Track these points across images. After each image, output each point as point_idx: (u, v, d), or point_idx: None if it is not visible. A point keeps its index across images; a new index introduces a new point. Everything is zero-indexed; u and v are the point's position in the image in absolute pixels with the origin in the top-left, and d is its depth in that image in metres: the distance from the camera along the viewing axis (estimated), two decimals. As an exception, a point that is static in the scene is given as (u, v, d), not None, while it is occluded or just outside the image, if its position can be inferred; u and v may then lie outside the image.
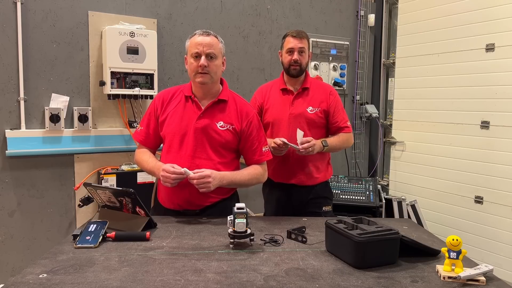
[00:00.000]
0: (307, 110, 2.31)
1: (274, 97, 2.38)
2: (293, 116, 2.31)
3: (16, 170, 2.60)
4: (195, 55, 1.81)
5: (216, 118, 1.88)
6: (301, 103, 2.33)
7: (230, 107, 1.92)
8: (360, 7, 3.76)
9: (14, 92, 2.56)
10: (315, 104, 2.33)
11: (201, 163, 1.83)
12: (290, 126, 2.30)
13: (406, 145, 3.63)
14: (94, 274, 1.26)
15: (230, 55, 3.24)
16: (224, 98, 1.91)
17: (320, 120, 2.33)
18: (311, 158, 2.30)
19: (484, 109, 3.00)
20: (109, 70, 2.66)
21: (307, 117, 2.31)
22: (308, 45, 2.34)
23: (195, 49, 1.81)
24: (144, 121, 1.98)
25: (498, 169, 2.92)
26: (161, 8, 2.97)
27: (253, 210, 3.30)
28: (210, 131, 1.86)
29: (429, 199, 3.40)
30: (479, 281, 1.25)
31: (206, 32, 1.84)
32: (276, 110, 2.35)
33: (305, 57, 2.30)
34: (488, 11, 2.97)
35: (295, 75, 2.32)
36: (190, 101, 1.90)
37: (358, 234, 1.36)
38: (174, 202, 1.90)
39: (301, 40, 2.29)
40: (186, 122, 1.87)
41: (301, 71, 2.32)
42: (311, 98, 2.34)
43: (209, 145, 1.86)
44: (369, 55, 3.86)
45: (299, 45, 2.27)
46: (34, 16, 2.58)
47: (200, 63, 1.80)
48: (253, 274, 1.29)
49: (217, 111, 1.89)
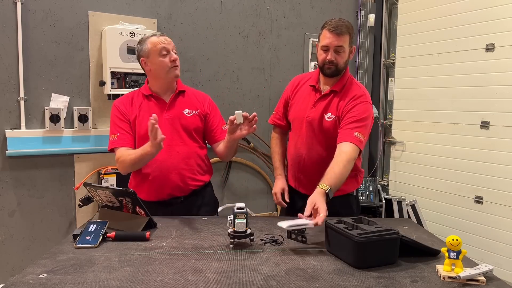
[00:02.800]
0: (325, 116, 1.98)
1: (301, 93, 2.10)
2: (309, 120, 2.01)
3: (16, 170, 2.60)
4: (164, 52, 1.94)
5: (181, 107, 2.03)
6: (322, 107, 2.00)
7: (189, 95, 2.09)
8: (360, 7, 3.76)
9: (14, 92, 2.56)
10: (333, 110, 1.98)
11: (180, 149, 1.98)
12: (305, 131, 2.02)
13: (406, 145, 3.63)
14: (94, 274, 1.26)
15: (230, 55, 3.25)
16: (183, 89, 2.08)
17: (337, 129, 1.95)
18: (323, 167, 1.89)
19: (484, 109, 3.00)
20: (109, 70, 2.66)
21: (323, 125, 1.98)
22: (351, 40, 1.96)
23: (161, 46, 1.93)
24: (116, 128, 1.98)
25: (498, 169, 2.92)
26: (161, 8, 2.97)
27: (253, 210, 3.30)
28: (181, 119, 2.00)
29: (429, 199, 3.40)
30: (479, 281, 1.25)
31: (161, 33, 2.01)
32: (298, 108, 2.08)
33: (343, 56, 1.94)
34: (488, 11, 2.97)
35: (330, 75, 1.99)
36: (152, 99, 2.01)
37: (358, 234, 1.36)
38: (161, 191, 1.97)
39: (339, 37, 1.90)
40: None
41: (338, 71, 1.97)
42: (335, 103, 1.98)
43: (183, 131, 2.00)
44: (369, 55, 3.86)
45: (335, 43, 1.91)
46: (34, 16, 2.58)
47: (173, 58, 1.95)
48: (253, 274, 1.29)
49: (180, 101, 2.04)
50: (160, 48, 1.93)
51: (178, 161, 1.97)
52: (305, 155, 2.05)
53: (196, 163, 2.03)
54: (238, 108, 3.15)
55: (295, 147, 2.10)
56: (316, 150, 2.02)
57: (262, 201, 3.46)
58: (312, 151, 2.02)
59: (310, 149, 2.03)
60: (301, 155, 2.06)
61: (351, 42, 1.98)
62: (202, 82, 3.13)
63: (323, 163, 1.93)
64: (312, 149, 2.02)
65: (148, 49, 1.96)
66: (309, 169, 2.04)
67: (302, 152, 2.05)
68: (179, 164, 1.97)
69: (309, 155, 2.04)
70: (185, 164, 1.99)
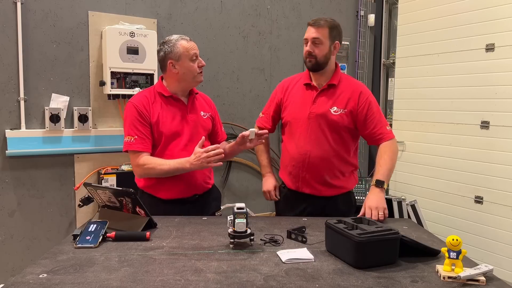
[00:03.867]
0: (331, 110, 2.02)
1: (295, 93, 2.13)
2: (313, 116, 2.03)
3: (16, 170, 2.60)
4: (194, 57, 1.97)
5: (198, 109, 2.08)
6: (325, 102, 2.04)
7: (200, 99, 2.14)
8: (360, 7, 3.76)
9: (14, 92, 2.56)
10: (341, 104, 2.02)
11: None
12: (310, 128, 2.04)
13: (406, 145, 3.63)
14: (94, 274, 1.26)
15: (230, 55, 3.25)
16: (196, 92, 2.12)
17: (345, 123, 2.02)
18: (329, 163, 2.03)
19: (484, 109, 3.00)
20: (109, 70, 2.66)
21: (330, 119, 2.01)
22: (331, 34, 2.01)
23: (193, 52, 1.97)
24: (133, 130, 1.93)
25: (498, 169, 2.92)
26: (161, 8, 2.97)
27: (253, 210, 3.30)
28: (201, 121, 2.06)
29: (429, 199, 3.39)
30: (479, 281, 1.25)
31: (189, 38, 2.03)
32: (296, 107, 2.10)
33: (322, 49, 1.99)
34: (488, 11, 2.97)
35: (311, 69, 2.05)
36: (172, 100, 2.01)
37: (358, 234, 1.36)
38: (187, 190, 2.00)
39: (316, 29, 1.99)
40: (179, 118, 2.00)
41: (318, 65, 2.02)
42: (338, 97, 2.04)
43: (204, 132, 2.05)
44: (369, 55, 3.86)
45: (312, 35, 1.99)
46: (34, 16, 2.58)
47: (201, 64, 2.00)
48: (253, 274, 1.29)
49: (196, 104, 2.09)
50: (192, 54, 1.97)
51: None
52: (311, 152, 2.04)
53: None
54: (239, 108, 3.15)
55: (297, 147, 2.09)
56: (323, 145, 2.04)
57: (262, 201, 3.45)
58: (318, 148, 2.03)
59: (317, 146, 2.03)
60: (306, 153, 2.05)
61: (331, 37, 2.02)
62: (202, 82, 3.12)
63: (330, 158, 2.04)
64: (319, 145, 2.03)
65: (180, 53, 1.95)
66: (315, 166, 2.04)
67: (307, 150, 2.05)
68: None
69: (316, 151, 2.04)
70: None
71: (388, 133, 2.06)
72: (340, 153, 2.07)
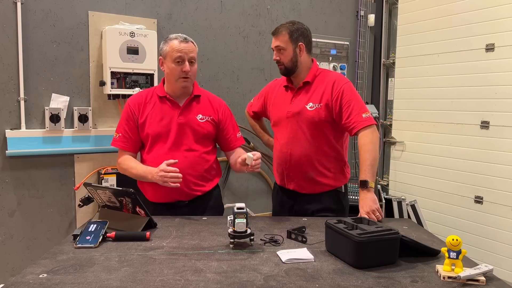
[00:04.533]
0: (306, 107, 2.04)
1: (277, 95, 2.21)
2: (290, 115, 2.08)
3: (16, 170, 2.60)
4: (177, 60, 1.91)
5: (195, 112, 2.02)
6: (301, 100, 2.08)
7: (204, 101, 2.07)
8: (360, 7, 3.76)
9: (14, 92, 2.56)
10: (316, 99, 2.04)
11: (188, 155, 1.97)
12: (289, 127, 2.09)
13: (406, 145, 3.63)
14: (94, 274, 1.26)
15: (230, 55, 3.25)
16: (198, 94, 2.06)
17: (322, 117, 2.02)
18: (315, 158, 2.05)
19: (484, 109, 3.00)
20: (109, 70, 2.66)
21: (306, 115, 2.03)
22: (292, 38, 2.04)
23: (177, 54, 1.91)
24: (121, 128, 2.02)
25: (498, 169, 2.92)
26: (161, 8, 2.97)
27: (253, 210, 3.30)
28: (193, 124, 1.99)
29: (429, 199, 3.40)
30: (479, 281, 1.25)
31: (185, 39, 1.96)
32: (277, 108, 2.17)
33: (286, 55, 2.04)
34: (488, 11, 2.97)
35: (283, 74, 2.13)
36: (166, 101, 2.01)
37: (358, 234, 1.36)
38: (167, 195, 1.97)
39: (275, 38, 2.07)
40: (168, 120, 1.98)
41: (287, 70, 2.08)
42: (313, 93, 2.06)
43: (193, 137, 1.99)
44: (369, 55, 3.86)
45: (274, 44, 2.08)
46: (34, 16, 2.58)
47: (184, 69, 1.92)
48: (253, 274, 1.29)
49: (194, 106, 2.04)
50: (176, 56, 1.91)
51: (185, 167, 1.92)
52: (292, 150, 2.09)
53: (203, 169, 2.03)
54: (239, 108, 3.14)
55: (280, 146, 2.15)
56: (302, 143, 2.07)
57: (262, 201, 3.46)
58: (299, 145, 2.07)
59: (297, 144, 2.07)
60: (287, 151, 2.10)
61: (293, 40, 2.05)
62: (202, 82, 3.13)
63: (311, 154, 2.06)
64: (299, 143, 2.07)
65: (166, 52, 1.96)
66: (297, 164, 2.08)
67: (288, 148, 2.10)
68: (185, 170, 1.92)
69: (296, 149, 2.08)
70: (191, 170, 1.97)
71: (364, 120, 1.94)
72: (323, 149, 2.07)
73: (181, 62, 1.92)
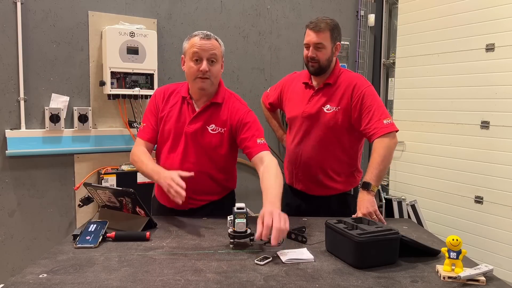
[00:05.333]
0: (324, 109, 1.97)
1: (295, 90, 2.12)
2: (306, 115, 2.01)
3: (16, 170, 2.60)
4: (195, 57, 1.74)
5: (208, 121, 1.83)
6: (319, 101, 1.99)
7: (224, 110, 1.85)
8: (360, 7, 3.76)
9: (14, 92, 2.56)
10: (334, 102, 1.96)
11: (189, 167, 1.79)
12: (303, 127, 2.02)
13: (406, 145, 3.63)
14: (94, 274, 1.26)
15: (230, 55, 3.24)
16: (218, 101, 1.85)
17: (339, 121, 1.95)
18: (326, 162, 1.98)
19: (484, 109, 3.00)
20: (109, 70, 2.66)
21: (323, 117, 1.96)
22: (332, 37, 1.95)
23: (196, 52, 1.74)
24: (145, 118, 1.92)
25: (498, 169, 2.92)
26: (161, 8, 2.97)
27: (253, 210, 3.30)
28: (199, 136, 1.82)
29: (429, 199, 3.39)
30: (479, 281, 1.25)
31: (207, 36, 1.77)
32: (293, 106, 2.09)
33: (325, 53, 1.95)
34: (488, 11, 2.97)
35: (314, 73, 2.01)
36: (186, 102, 1.87)
37: (358, 234, 1.35)
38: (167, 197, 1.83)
39: (317, 34, 1.93)
40: (181, 123, 1.85)
41: (321, 69, 1.98)
42: (332, 95, 1.98)
43: (200, 149, 1.83)
44: (369, 55, 3.86)
45: (314, 40, 1.94)
46: (34, 16, 2.58)
47: (201, 68, 1.74)
48: (253, 274, 1.29)
49: (210, 114, 1.84)
50: (193, 52, 1.74)
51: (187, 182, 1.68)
52: (303, 151, 2.06)
53: (205, 184, 1.87)
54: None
55: (293, 144, 2.12)
56: (315, 145, 2.03)
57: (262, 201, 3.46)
58: (310, 147, 2.03)
59: (309, 145, 2.04)
60: (298, 151, 2.07)
61: (333, 39, 1.98)
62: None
63: (323, 158, 2.02)
64: (311, 145, 2.03)
65: (186, 49, 1.80)
66: (307, 165, 2.05)
67: (300, 149, 2.07)
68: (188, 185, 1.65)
69: (308, 151, 2.05)
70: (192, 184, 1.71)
71: (384, 127, 1.86)
72: (335, 154, 2.02)
73: (199, 60, 1.74)
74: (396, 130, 1.89)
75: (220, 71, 1.84)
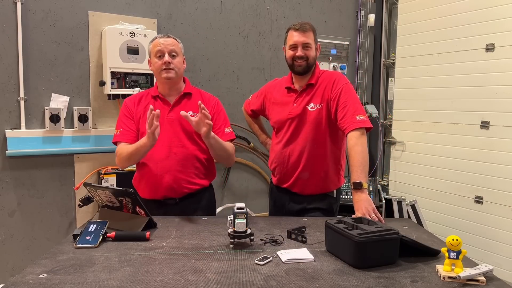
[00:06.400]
0: (308, 107, 2.04)
1: (277, 96, 2.18)
2: (292, 116, 2.08)
3: (16, 170, 2.60)
4: (158, 54, 1.98)
5: (185, 109, 1.97)
6: (303, 101, 2.07)
7: (196, 98, 2.06)
8: (360, 7, 3.76)
9: (14, 92, 2.56)
10: (317, 100, 2.04)
11: (178, 151, 1.99)
12: (290, 129, 2.09)
13: (406, 145, 3.63)
14: (94, 274, 1.26)
15: (230, 55, 3.25)
16: (189, 91, 2.09)
17: (323, 118, 2.02)
18: (313, 160, 2.05)
19: (484, 109, 3.00)
20: (109, 70, 2.66)
21: (308, 116, 2.04)
22: (315, 38, 2.07)
23: (159, 49, 1.97)
24: (120, 123, 2.05)
25: (498, 169, 2.92)
26: (161, 8, 2.97)
27: (253, 210, 3.30)
28: (183, 121, 1.96)
29: (429, 199, 3.40)
30: (479, 281, 1.25)
31: (166, 35, 2.03)
32: (278, 110, 2.15)
33: (312, 52, 2.04)
34: (488, 11, 2.97)
35: (301, 72, 2.06)
36: (158, 100, 2.05)
37: (358, 234, 1.36)
38: (156, 191, 1.99)
39: (305, 34, 2.02)
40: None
41: (308, 67, 2.05)
42: (314, 94, 2.06)
43: (184, 134, 2.00)
44: (369, 55, 3.86)
45: (302, 40, 2.02)
46: (34, 16, 2.58)
47: (164, 60, 1.96)
48: (253, 274, 1.29)
49: (185, 103, 2.05)
50: (156, 50, 1.98)
51: (174, 163, 1.98)
52: (290, 150, 2.10)
53: (193, 166, 2.03)
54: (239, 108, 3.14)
55: (280, 145, 2.15)
56: (300, 144, 2.08)
57: (262, 201, 3.45)
58: (295, 146, 2.08)
59: (294, 145, 2.09)
60: (285, 152, 2.12)
61: (315, 39, 2.09)
62: (202, 82, 3.13)
63: (307, 156, 2.07)
64: (296, 145, 2.08)
65: (150, 50, 2.05)
66: (293, 165, 2.10)
67: (286, 149, 2.11)
68: (175, 166, 1.98)
69: (293, 150, 2.10)
70: (181, 166, 1.99)
71: (356, 122, 1.91)
72: (321, 151, 2.08)
73: (162, 56, 1.97)
74: (368, 127, 1.94)
75: (182, 65, 2.05)
